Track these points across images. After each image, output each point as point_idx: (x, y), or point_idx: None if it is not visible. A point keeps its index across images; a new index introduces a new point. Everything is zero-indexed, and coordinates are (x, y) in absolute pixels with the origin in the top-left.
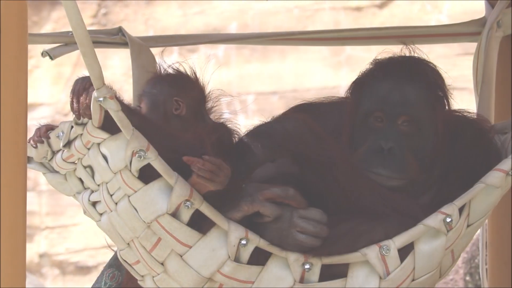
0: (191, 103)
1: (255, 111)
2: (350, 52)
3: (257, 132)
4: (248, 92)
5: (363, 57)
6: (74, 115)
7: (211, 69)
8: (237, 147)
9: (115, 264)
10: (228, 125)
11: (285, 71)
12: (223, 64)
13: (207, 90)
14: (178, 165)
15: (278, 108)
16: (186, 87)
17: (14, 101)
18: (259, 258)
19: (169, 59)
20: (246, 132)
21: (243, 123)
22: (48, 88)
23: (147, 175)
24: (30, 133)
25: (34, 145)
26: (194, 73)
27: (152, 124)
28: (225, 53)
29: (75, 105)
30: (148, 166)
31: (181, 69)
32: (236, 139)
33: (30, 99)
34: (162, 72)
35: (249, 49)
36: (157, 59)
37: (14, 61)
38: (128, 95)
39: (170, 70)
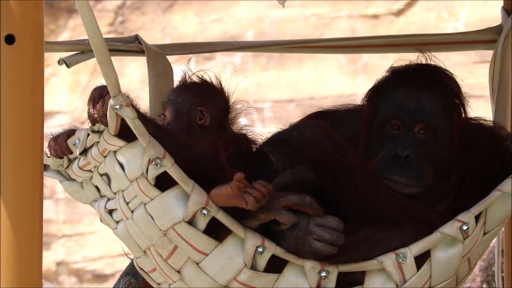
0: (215, 113)
1: (272, 119)
2: (367, 60)
3: (275, 139)
4: (265, 100)
5: (380, 65)
6: (90, 123)
7: (231, 77)
8: (256, 155)
9: (131, 272)
10: (249, 136)
11: (302, 79)
12: (240, 72)
13: (231, 101)
14: (193, 174)
15: (295, 116)
16: (211, 97)
17: (31, 109)
18: (275, 265)
19: (185, 68)
20: (264, 140)
21: (260, 131)
22: (65, 96)
23: (163, 183)
24: (47, 141)
25: (54, 155)
26: (220, 82)
27: (168, 132)
28: (242, 61)
29: (91, 112)
30: (165, 174)
31: (206, 78)
32: (255, 148)
33: (47, 107)
34: (187, 80)
35: (266, 57)
36: (183, 67)
37: (31, 69)
38: (144, 103)
39: (195, 79)
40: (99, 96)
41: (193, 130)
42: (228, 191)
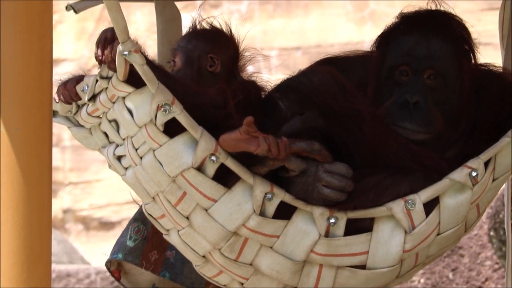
0: (226, 60)
1: (278, 67)
2: (374, 7)
3: (284, 86)
4: (272, 47)
5: (386, 12)
6: (98, 69)
7: (239, 25)
8: (265, 102)
9: (140, 218)
10: (258, 83)
11: (308, 26)
12: (246, 20)
13: (241, 48)
14: (202, 121)
15: (301, 63)
16: (221, 44)
17: (39, 55)
18: (284, 212)
19: (194, 14)
20: (273, 87)
21: (266, 78)
22: (71, 44)
23: (172, 129)
24: (55, 88)
25: (63, 101)
26: (229, 30)
27: (176, 80)
28: (248, 9)
29: (99, 55)
30: (173, 120)
31: (216, 24)
32: (264, 95)
33: (54, 55)
34: (197, 27)
35: (273, 4)
36: (192, 14)
37: (39, 13)
38: (151, 51)
39: (205, 25)
40: (110, 39)
41: (203, 77)
42: (237, 136)
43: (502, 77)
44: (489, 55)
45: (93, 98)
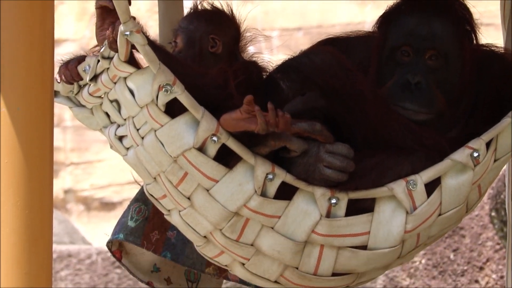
0: (227, 41)
1: (280, 47)
2: None
3: (285, 66)
4: (273, 28)
5: None
6: (100, 48)
7: (240, 6)
8: (266, 83)
9: (141, 198)
10: (259, 63)
11: (310, 7)
12: (247, 0)
13: (242, 29)
14: (203, 102)
15: (302, 44)
16: (223, 25)
17: (41, 34)
18: (285, 193)
19: None
20: (274, 67)
21: (267, 59)
22: (72, 24)
23: (173, 109)
24: (56, 68)
25: (65, 81)
26: (231, 10)
27: (177, 60)
28: None
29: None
30: (175, 101)
31: (217, 5)
32: (265, 75)
33: (55, 35)
34: (199, 7)
35: None
36: None
37: None
38: (153, 31)
39: (207, 6)
40: (109, 22)
41: (205, 58)
42: (237, 115)
43: (504, 58)
44: (491, 35)
45: (95, 78)
